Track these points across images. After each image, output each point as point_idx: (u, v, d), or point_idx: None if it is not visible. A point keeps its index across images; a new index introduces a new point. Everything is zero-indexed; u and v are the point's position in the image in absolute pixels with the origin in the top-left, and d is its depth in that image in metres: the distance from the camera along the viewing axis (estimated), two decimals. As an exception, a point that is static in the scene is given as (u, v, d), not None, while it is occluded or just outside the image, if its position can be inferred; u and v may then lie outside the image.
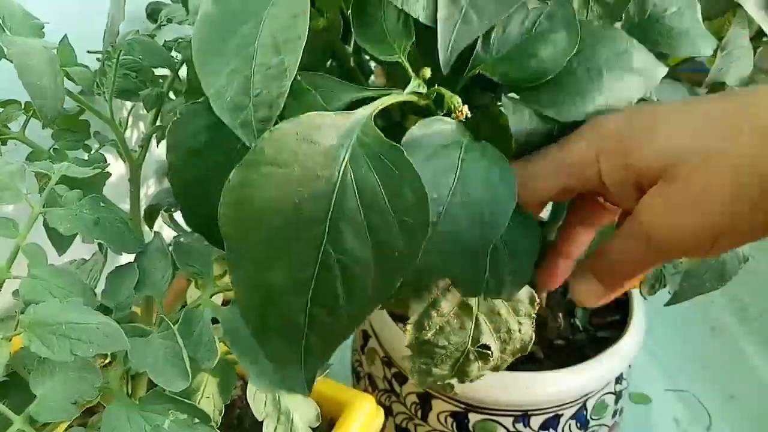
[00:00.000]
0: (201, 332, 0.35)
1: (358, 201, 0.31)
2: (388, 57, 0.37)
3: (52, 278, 0.32)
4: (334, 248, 0.31)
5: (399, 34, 0.37)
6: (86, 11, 0.54)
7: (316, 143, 0.31)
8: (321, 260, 0.31)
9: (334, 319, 0.32)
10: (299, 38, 0.32)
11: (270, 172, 0.30)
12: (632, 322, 0.65)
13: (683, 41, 0.44)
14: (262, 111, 0.32)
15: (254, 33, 0.33)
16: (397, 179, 0.31)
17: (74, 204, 0.35)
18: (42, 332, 0.29)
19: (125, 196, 0.49)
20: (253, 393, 0.39)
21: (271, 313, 0.33)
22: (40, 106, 0.39)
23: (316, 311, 0.32)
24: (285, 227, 0.31)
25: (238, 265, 0.32)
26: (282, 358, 0.34)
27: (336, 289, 0.32)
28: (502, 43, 0.38)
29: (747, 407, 0.87)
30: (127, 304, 0.35)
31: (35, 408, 0.30)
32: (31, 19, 0.44)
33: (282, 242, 0.31)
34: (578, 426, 0.64)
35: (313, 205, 0.30)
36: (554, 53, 0.38)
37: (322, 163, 0.31)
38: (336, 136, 0.31)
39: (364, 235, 0.31)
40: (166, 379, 0.31)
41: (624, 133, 0.34)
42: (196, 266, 0.38)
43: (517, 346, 0.51)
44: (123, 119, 0.53)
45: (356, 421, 0.50)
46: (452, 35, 0.36)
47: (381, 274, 0.31)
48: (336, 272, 0.31)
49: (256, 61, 0.33)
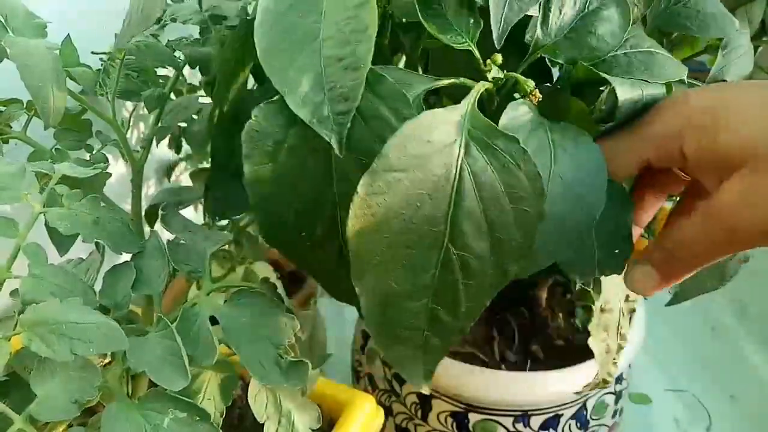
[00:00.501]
0: (199, 330, 0.35)
1: (476, 195, 0.31)
2: (459, 44, 0.37)
3: (52, 278, 0.32)
4: (454, 246, 0.31)
5: (465, 21, 0.37)
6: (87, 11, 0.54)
7: (432, 142, 0.30)
8: (442, 260, 0.31)
9: (454, 317, 0.32)
10: (367, 28, 0.32)
11: (396, 178, 0.30)
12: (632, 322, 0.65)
13: (711, 23, 0.45)
14: (338, 105, 0.31)
15: (317, 26, 0.33)
16: (512, 169, 0.31)
17: (74, 204, 0.35)
18: (42, 332, 0.29)
19: (126, 197, 0.49)
20: (255, 394, 0.39)
21: (393, 317, 0.32)
22: (42, 106, 0.39)
23: (437, 311, 0.32)
24: (407, 231, 0.30)
25: (363, 275, 0.31)
26: (406, 363, 0.34)
27: (457, 287, 0.32)
28: (560, 25, 0.39)
29: (747, 407, 0.87)
30: (124, 304, 0.35)
31: (35, 407, 0.30)
32: (33, 19, 0.44)
33: (403, 246, 0.31)
34: (578, 426, 0.64)
35: (433, 205, 0.30)
36: (611, 29, 0.38)
37: (438, 162, 0.30)
38: (448, 132, 0.31)
39: (483, 229, 0.31)
40: (165, 378, 0.31)
41: (710, 113, 0.33)
42: (191, 265, 0.38)
43: None
44: (125, 119, 0.53)
45: (356, 421, 0.50)
46: (504, 9, 0.36)
47: (498, 266, 0.31)
48: (457, 270, 0.31)
49: (323, 54, 0.32)
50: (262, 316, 0.37)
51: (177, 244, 0.40)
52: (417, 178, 0.30)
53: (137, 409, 0.31)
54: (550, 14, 0.38)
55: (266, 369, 0.36)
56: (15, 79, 0.39)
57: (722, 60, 0.49)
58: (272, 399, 0.39)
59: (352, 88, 0.31)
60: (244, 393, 0.44)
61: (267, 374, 0.36)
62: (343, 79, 0.31)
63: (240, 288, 0.38)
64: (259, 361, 0.36)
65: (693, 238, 0.34)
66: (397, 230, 0.30)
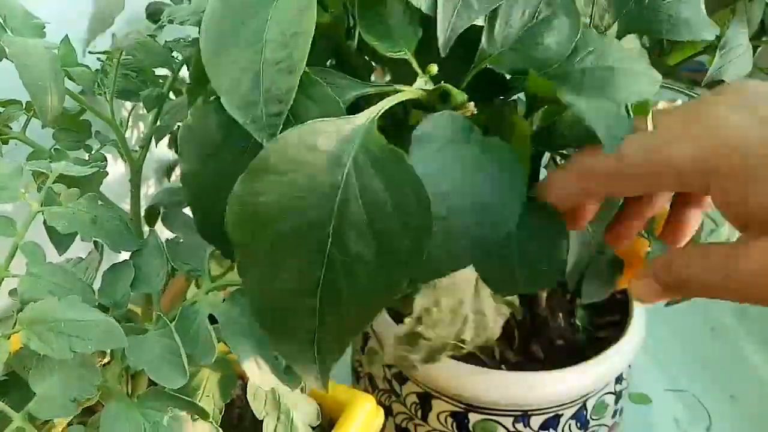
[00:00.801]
0: (198, 329, 0.35)
1: (360, 205, 0.31)
2: (395, 53, 0.37)
3: (50, 276, 0.32)
4: (338, 250, 0.31)
5: (405, 30, 0.37)
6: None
7: (319, 150, 0.31)
8: (326, 263, 0.31)
9: (342, 318, 0.32)
10: (306, 33, 0.32)
11: (274, 180, 0.30)
12: (632, 322, 0.65)
13: (683, 27, 0.44)
14: (272, 106, 0.32)
15: (262, 28, 0.33)
16: (399, 183, 0.31)
17: (72, 202, 0.35)
18: (41, 330, 0.29)
19: (126, 196, 0.49)
20: (254, 392, 0.39)
21: (282, 316, 0.33)
22: (40, 106, 0.39)
23: (324, 312, 0.32)
24: (291, 233, 0.31)
25: (248, 271, 0.32)
26: (297, 358, 0.34)
27: (342, 290, 0.32)
28: (506, 36, 0.38)
29: (747, 407, 0.87)
30: (123, 302, 0.35)
31: (34, 406, 0.30)
32: (32, 19, 0.44)
33: (288, 247, 0.31)
34: (578, 426, 0.64)
35: (317, 210, 0.30)
36: (558, 39, 0.37)
37: (325, 169, 0.31)
38: (339, 143, 0.31)
39: (368, 237, 0.31)
40: (164, 376, 0.31)
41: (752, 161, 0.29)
42: (190, 264, 0.39)
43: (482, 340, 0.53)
44: (123, 119, 0.53)
45: (356, 421, 0.50)
46: (452, 18, 0.36)
47: (386, 273, 0.31)
48: (341, 274, 0.31)
49: (264, 56, 0.32)
50: (261, 315, 0.37)
51: (176, 242, 0.40)
52: (296, 183, 0.30)
53: (136, 407, 0.32)
54: (495, 24, 0.38)
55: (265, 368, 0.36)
56: (14, 80, 0.39)
57: (720, 60, 0.49)
58: (271, 396, 0.39)
59: (286, 90, 0.32)
60: (244, 392, 0.44)
61: (266, 373, 0.36)
62: (279, 81, 0.32)
63: (239, 287, 0.38)
64: (258, 360, 0.36)
65: (706, 283, 0.32)
66: (283, 231, 0.31)
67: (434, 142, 0.34)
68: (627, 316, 0.66)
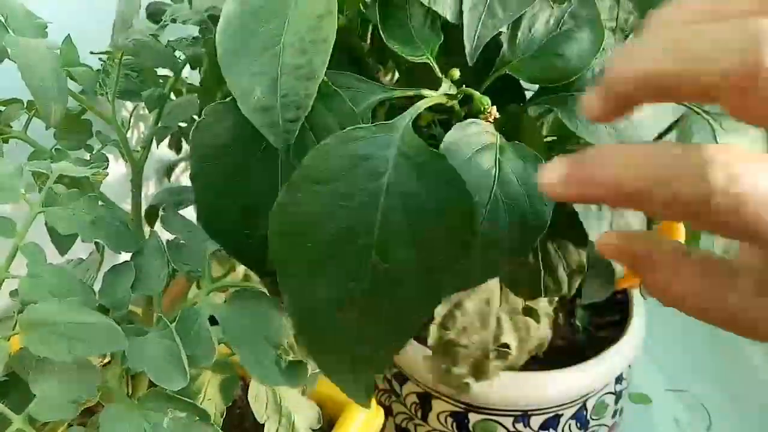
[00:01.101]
0: (199, 330, 0.35)
1: (403, 212, 0.30)
2: (417, 58, 0.37)
3: (50, 277, 0.32)
4: (382, 258, 0.30)
5: (427, 34, 0.37)
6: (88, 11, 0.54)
7: (358, 157, 0.30)
8: (369, 272, 0.31)
9: (384, 329, 0.32)
10: (326, 40, 0.32)
11: (317, 190, 0.30)
12: (632, 322, 0.65)
13: None
14: (289, 112, 0.32)
15: (279, 33, 0.33)
16: (442, 188, 0.30)
17: (72, 203, 0.35)
18: (41, 332, 0.29)
19: (126, 197, 0.49)
20: (255, 395, 0.39)
21: (321, 327, 0.32)
22: (42, 105, 0.39)
23: (365, 323, 0.32)
24: (333, 242, 0.30)
25: (288, 282, 0.31)
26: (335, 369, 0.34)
27: (385, 299, 0.31)
28: (528, 44, 0.38)
29: (747, 407, 0.87)
30: (124, 303, 0.35)
31: (35, 407, 0.30)
32: (33, 18, 0.44)
33: (330, 257, 0.31)
34: (578, 426, 0.64)
35: (359, 218, 0.30)
36: (579, 52, 0.38)
37: (366, 176, 0.30)
38: (377, 149, 0.31)
39: (411, 245, 0.30)
40: (164, 378, 0.31)
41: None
42: (191, 265, 0.38)
43: (535, 344, 0.51)
44: (125, 119, 0.53)
45: (356, 421, 0.50)
46: (477, 27, 0.36)
47: (428, 281, 0.31)
48: (384, 283, 0.31)
49: (282, 61, 0.32)
50: (262, 316, 0.37)
51: (177, 243, 0.39)
52: (338, 191, 0.30)
53: (137, 409, 0.31)
54: (518, 32, 0.38)
55: (266, 369, 0.36)
56: (15, 79, 0.39)
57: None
58: (272, 399, 0.39)
59: (304, 97, 0.32)
60: (245, 393, 0.44)
61: (267, 374, 0.36)
62: (297, 88, 0.32)
63: (240, 288, 0.38)
64: (259, 361, 0.36)
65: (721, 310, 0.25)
66: (324, 240, 0.30)
67: (464, 151, 0.34)
68: (627, 316, 0.66)
